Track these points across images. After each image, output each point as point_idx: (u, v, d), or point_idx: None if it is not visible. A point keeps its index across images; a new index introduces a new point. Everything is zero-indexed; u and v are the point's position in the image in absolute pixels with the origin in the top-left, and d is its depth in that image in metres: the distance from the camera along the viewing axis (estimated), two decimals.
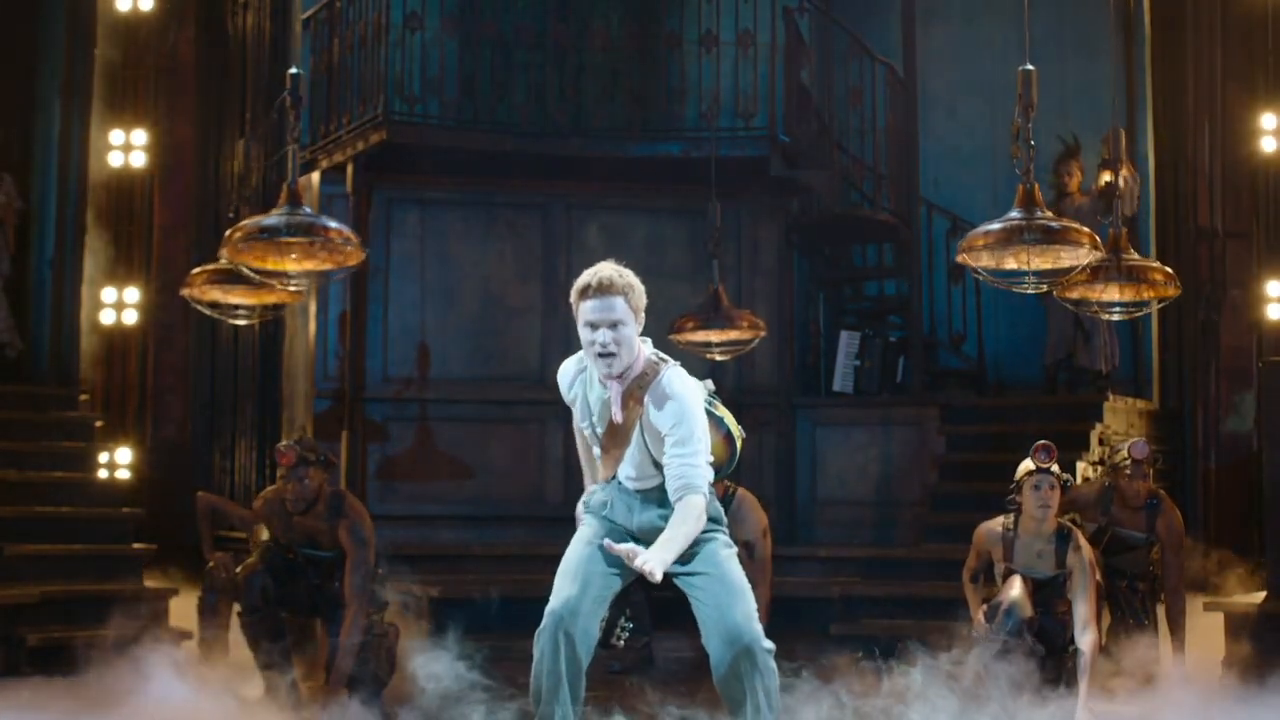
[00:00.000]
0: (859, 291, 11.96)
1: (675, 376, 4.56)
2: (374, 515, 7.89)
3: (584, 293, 4.50)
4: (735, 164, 10.60)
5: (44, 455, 9.07)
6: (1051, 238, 5.78)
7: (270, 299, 7.12)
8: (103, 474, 9.93)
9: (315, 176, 10.67)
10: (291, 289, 6.34)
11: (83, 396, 9.84)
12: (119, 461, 10.74)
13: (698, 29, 10.97)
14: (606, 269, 4.51)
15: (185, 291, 7.36)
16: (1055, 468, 6.58)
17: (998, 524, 6.72)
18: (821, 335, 11.58)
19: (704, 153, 10.11)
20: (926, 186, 11.42)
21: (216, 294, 7.28)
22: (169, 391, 11.40)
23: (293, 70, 6.31)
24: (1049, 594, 6.56)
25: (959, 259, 6.00)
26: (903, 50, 11.19)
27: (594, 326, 4.47)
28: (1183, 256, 10.47)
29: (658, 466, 4.56)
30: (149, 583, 8.71)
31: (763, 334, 9.27)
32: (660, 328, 7.15)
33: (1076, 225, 5.95)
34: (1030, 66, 5.93)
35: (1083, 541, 6.58)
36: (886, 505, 10.95)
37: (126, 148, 10.99)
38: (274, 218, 6.00)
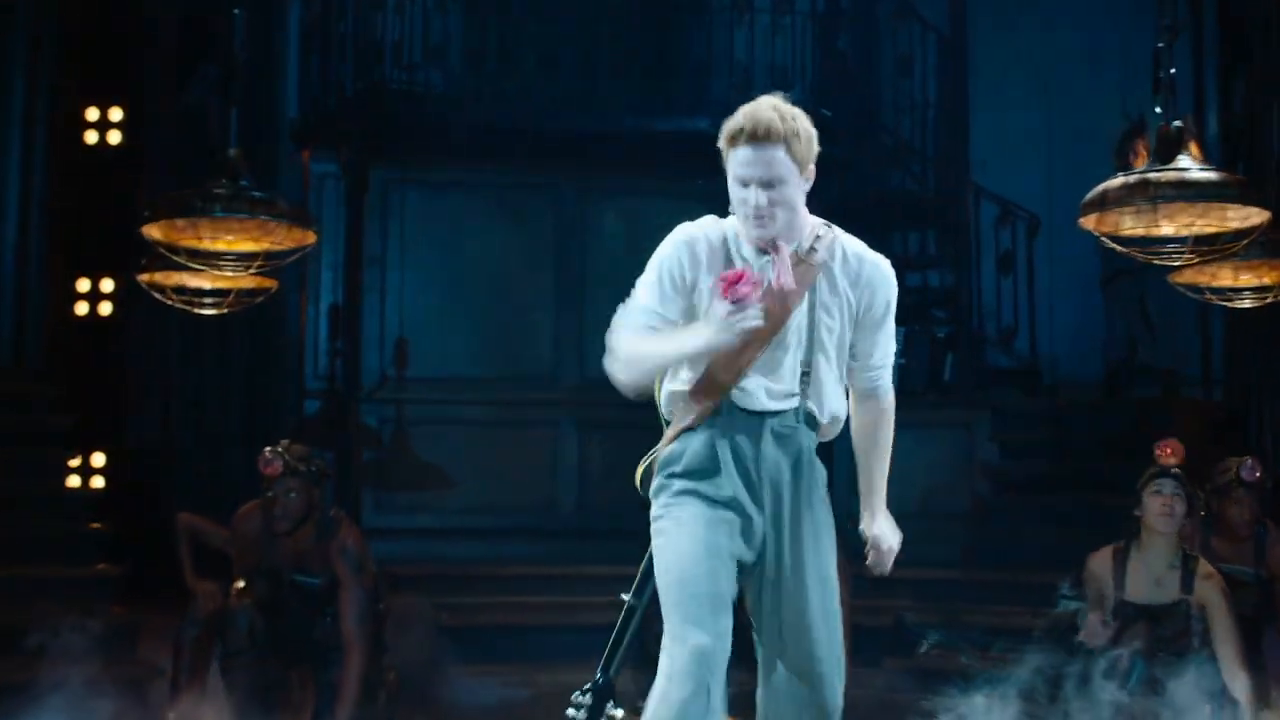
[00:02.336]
0: (901, 282, 11.09)
1: (860, 243, 3.76)
2: (367, 529, 7.19)
3: (734, 139, 3.55)
4: None
5: (5, 463, 8.20)
6: (1203, 190, 4.83)
7: (245, 284, 6.20)
8: (74, 481, 9.19)
9: (305, 155, 9.88)
10: (229, 273, 5.49)
11: (52, 397, 8.95)
12: (93, 465, 9.99)
13: None
14: (765, 109, 3.55)
15: (143, 278, 6.46)
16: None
17: (1109, 549, 5.82)
18: None
19: None
20: (974, 168, 10.61)
21: (180, 278, 6.36)
22: (149, 391, 10.57)
23: (236, 10, 5.39)
24: (1171, 626, 5.63)
25: (1081, 223, 5.05)
26: (950, 18, 10.41)
27: (744, 183, 3.56)
28: None
29: (805, 377, 3.64)
30: (116, 609, 7.79)
31: None
32: None
33: (1237, 175, 5.03)
34: None
35: (1211, 569, 5.67)
36: (931, 518, 10.00)
37: (103, 125, 10.32)
38: (203, 193, 5.15)
